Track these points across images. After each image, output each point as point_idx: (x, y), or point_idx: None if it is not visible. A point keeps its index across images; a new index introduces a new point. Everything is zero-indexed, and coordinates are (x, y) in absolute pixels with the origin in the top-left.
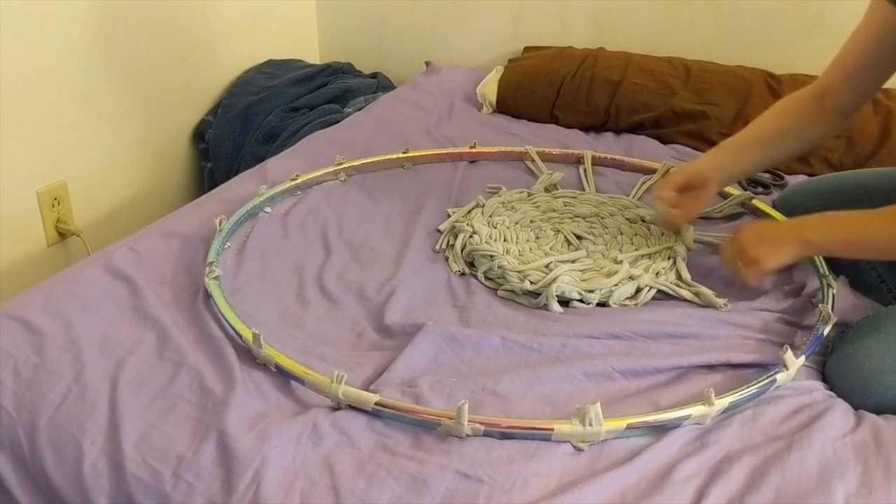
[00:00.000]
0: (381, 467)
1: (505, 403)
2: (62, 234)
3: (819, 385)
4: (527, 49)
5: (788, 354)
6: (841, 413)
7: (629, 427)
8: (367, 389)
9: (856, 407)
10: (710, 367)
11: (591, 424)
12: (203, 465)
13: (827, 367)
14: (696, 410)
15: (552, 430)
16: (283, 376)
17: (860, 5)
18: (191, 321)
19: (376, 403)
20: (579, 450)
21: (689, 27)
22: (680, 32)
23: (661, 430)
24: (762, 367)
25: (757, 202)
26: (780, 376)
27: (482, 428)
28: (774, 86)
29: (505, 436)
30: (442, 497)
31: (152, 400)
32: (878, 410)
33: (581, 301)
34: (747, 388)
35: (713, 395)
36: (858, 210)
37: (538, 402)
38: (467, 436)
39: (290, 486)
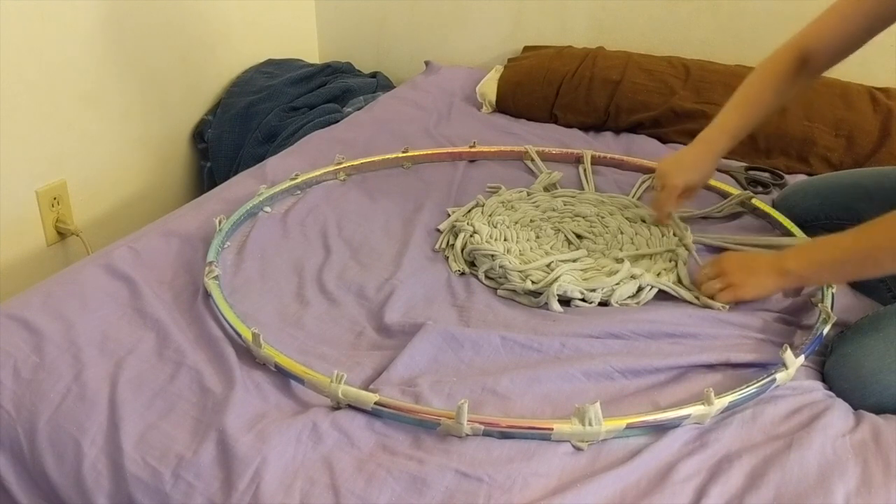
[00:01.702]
0: (380, 467)
1: (505, 403)
2: (62, 234)
3: (818, 385)
4: (526, 48)
5: (788, 354)
6: (840, 413)
7: (629, 427)
8: (366, 389)
9: (855, 407)
10: (710, 367)
11: (590, 424)
12: (203, 465)
13: (826, 367)
14: (695, 410)
15: (552, 429)
16: (282, 376)
17: None
18: (190, 321)
19: (376, 403)
20: (579, 449)
21: (688, 27)
22: (679, 32)
23: (661, 429)
24: (762, 367)
25: (756, 201)
26: (780, 375)
27: (482, 427)
28: None
29: (504, 435)
30: (442, 496)
31: (152, 400)
32: (878, 410)
33: (583, 300)
34: (747, 387)
35: (713, 394)
36: (840, 232)
37: (538, 402)
38: (467, 435)
39: (289, 486)
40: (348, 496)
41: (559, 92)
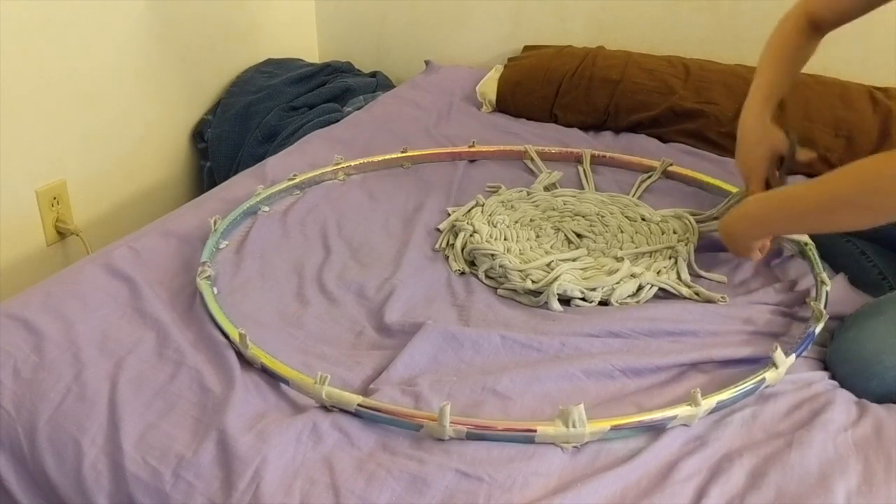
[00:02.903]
0: (380, 466)
1: (504, 402)
2: (61, 234)
3: (820, 375)
4: (526, 48)
5: (778, 353)
6: (842, 406)
7: (613, 428)
8: (366, 388)
9: (858, 392)
10: (711, 364)
11: (574, 426)
12: (203, 465)
13: (829, 353)
14: (682, 411)
15: (535, 431)
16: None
17: None
18: (190, 321)
19: (359, 405)
20: (577, 448)
21: (688, 26)
22: (679, 31)
23: (649, 430)
24: (762, 363)
25: None
26: (769, 375)
27: (465, 430)
28: None
29: (476, 437)
30: (442, 496)
31: (152, 399)
32: (880, 393)
33: (583, 299)
34: (735, 387)
35: (699, 395)
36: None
37: (538, 401)
38: (450, 438)
39: (289, 486)
40: (348, 496)
41: (559, 91)
